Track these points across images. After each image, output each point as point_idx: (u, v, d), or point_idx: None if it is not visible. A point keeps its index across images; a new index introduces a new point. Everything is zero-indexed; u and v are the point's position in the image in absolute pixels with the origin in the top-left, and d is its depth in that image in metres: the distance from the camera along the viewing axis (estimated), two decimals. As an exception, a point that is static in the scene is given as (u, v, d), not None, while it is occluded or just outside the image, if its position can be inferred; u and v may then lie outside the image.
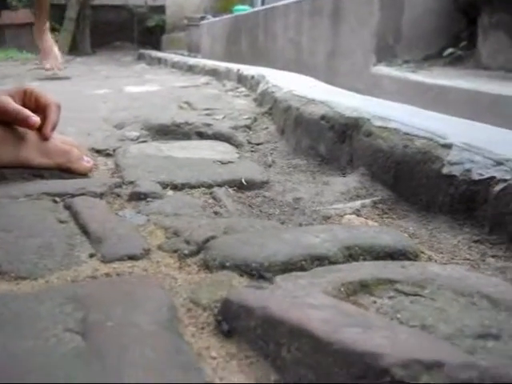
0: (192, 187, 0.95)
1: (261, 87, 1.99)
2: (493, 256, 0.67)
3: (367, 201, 0.90)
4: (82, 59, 6.43)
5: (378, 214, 0.85)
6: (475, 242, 0.71)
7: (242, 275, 0.56)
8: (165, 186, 0.94)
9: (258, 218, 0.81)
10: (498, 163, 0.76)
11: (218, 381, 0.41)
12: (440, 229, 0.77)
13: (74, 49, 7.83)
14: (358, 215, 0.84)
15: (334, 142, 1.18)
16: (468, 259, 0.67)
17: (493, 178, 0.74)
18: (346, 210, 0.86)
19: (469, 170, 0.78)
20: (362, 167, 1.04)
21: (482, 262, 0.66)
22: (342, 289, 0.51)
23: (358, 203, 0.89)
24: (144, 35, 9.52)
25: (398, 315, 0.48)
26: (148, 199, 0.87)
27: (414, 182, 0.89)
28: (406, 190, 0.90)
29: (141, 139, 1.37)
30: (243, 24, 4.66)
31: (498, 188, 0.72)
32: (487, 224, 0.74)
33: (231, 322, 0.48)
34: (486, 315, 0.48)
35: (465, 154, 0.81)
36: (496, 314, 0.49)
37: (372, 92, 2.22)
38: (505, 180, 0.72)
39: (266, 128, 1.55)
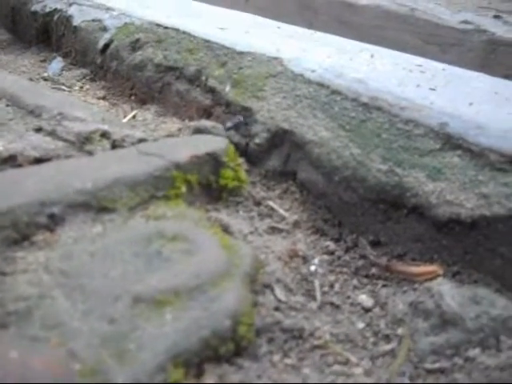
0: None
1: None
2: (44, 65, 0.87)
3: (-14, 43, 1.04)
4: None
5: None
6: (41, 61, 0.91)
7: None
8: None
9: None
10: (63, -3, 0.94)
11: None
12: (25, 55, 0.95)
13: None
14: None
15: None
16: (24, 72, 0.86)
17: (55, 9, 0.92)
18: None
19: (45, 6, 0.95)
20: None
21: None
22: None
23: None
24: None
25: None
26: None
27: (21, 23, 1.04)
28: (19, 31, 1.05)
29: None
30: None
31: (56, 16, 0.91)
32: (54, 47, 0.93)
33: None
34: None
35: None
36: None
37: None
38: (60, 10, 0.91)
39: None
